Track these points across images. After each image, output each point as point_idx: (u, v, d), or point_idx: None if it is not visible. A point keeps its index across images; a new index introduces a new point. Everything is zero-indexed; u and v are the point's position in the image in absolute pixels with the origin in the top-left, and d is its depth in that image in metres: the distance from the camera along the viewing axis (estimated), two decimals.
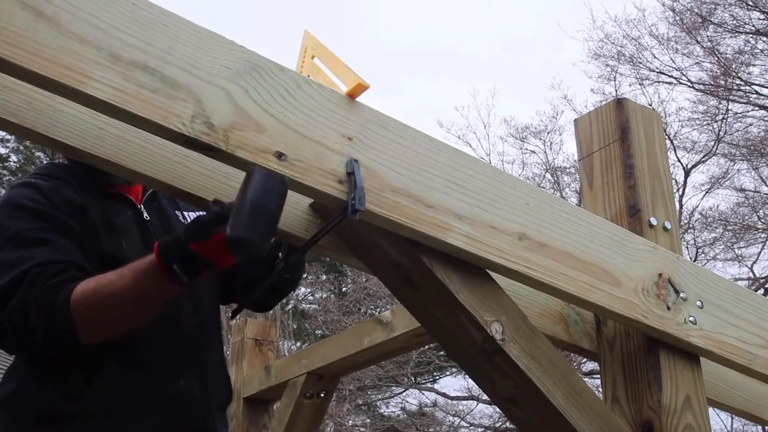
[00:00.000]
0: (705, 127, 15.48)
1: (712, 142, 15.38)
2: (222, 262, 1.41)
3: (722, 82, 14.88)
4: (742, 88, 14.85)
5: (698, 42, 14.70)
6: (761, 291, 13.85)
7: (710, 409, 1.76)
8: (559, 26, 33.93)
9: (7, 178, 18.16)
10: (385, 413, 17.62)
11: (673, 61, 15.18)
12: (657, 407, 1.55)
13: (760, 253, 15.52)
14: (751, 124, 15.25)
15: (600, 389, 1.71)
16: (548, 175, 16.65)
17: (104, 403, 1.70)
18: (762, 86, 14.63)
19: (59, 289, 1.59)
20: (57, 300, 1.58)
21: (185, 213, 1.96)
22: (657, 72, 15.44)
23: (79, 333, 1.58)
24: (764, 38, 14.37)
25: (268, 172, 1.22)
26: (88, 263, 1.70)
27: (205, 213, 1.41)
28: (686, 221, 15.19)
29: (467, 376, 5.70)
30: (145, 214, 1.87)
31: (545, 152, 17.06)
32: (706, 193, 15.84)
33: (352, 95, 1.33)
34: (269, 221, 1.23)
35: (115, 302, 1.56)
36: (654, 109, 3.85)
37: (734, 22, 14.40)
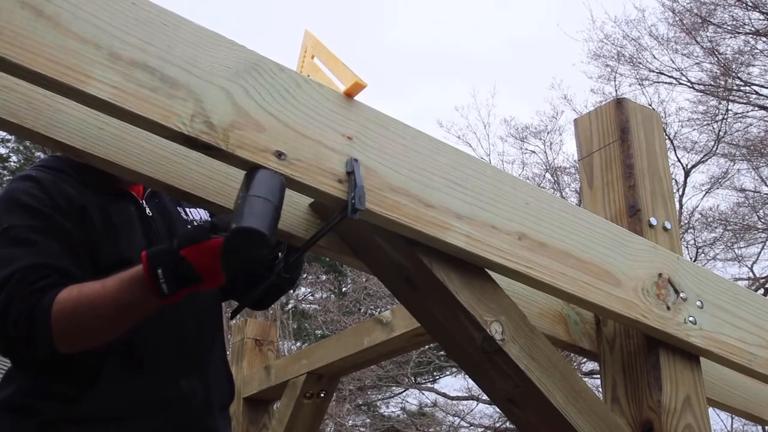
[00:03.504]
0: (705, 127, 15.49)
1: (712, 142, 15.38)
2: (209, 274, 1.43)
3: (722, 83, 14.88)
4: (742, 88, 14.85)
5: (698, 42, 14.71)
6: (761, 291, 13.84)
7: (710, 409, 1.76)
8: (558, 27, 33.95)
9: (7, 177, 18.15)
10: (385, 413, 17.62)
11: (673, 62, 15.19)
12: (657, 407, 1.55)
13: (760, 253, 15.53)
14: (751, 124, 15.26)
15: (600, 389, 1.71)
16: (548, 175, 16.67)
17: (105, 405, 1.69)
18: (762, 86, 14.64)
19: (41, 295, 1.59)
20: (37, 306, 1.57)
21: (187, 209, 1.96)
22: (657, 72, 15.45)
23: (56, 341, 1.57)
24: (764, 38, 14.37)
25: (269, 171, 1.22)
26: (83, 265, 1.69)
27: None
28: (686, 221, 15.19)
29: (467, 376, 5.70)
30: (148, 210, 1.86)
31: (545, 152, 17.07)
32: (706, 193, 15.85)
33: (349, 94, 1.33)
34: (274, 215, 1.21)
35: (96, 309, 1.55)
36: (654, 109, 3.84)
37: (734, 22, 14.40)
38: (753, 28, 14.32)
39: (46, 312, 1.57)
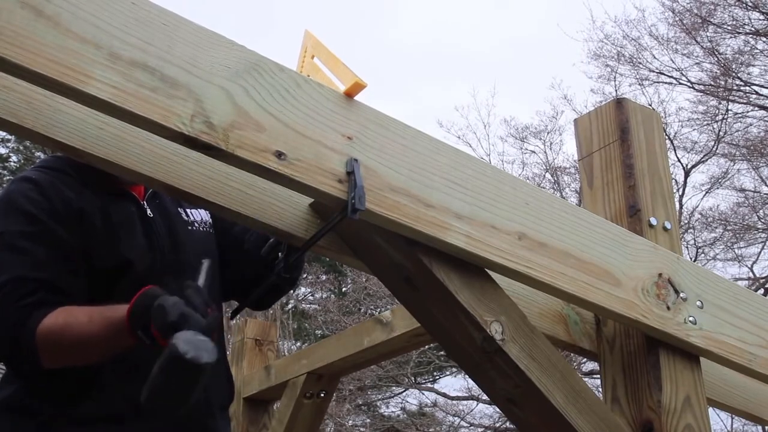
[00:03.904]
0: (705, 127, 15.48)
1: (712, 142, 15.38)
2: None
3: (722, 83, 14.88)
4: (742, 88, 14.85)
5: (698, 42, 14.70)
6: (761, 291, 13.84)
7: (710, 409, 1.76)
8: (558, 27, 33.93)
9: (7, 177, 18.14)
10: (385, 413, 17.61)
11: (673, 62, 15.18)
12: (657, 407, 1.55)
13: (760, 253, 15.52)
14: (751, 124, 15.25)
15: (600, 389, 1.71)
16: (548, 175, 16.66)
17: (104, 406, 1.70)
18: (762, 86, 14.63)
19: (27, 313, 1.62)
20: (24, 326, 1.60)
21: (187, 210, 1.96)
22: (657, 72, 15.44)
23: (41, 361, 1.62)
24: (764, 38, 14.36)
25: (178, 361, 1.36)
26: (76, 273, 1.70)
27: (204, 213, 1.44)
28: (686, 221, 15.18)
29: (467, 376, 5.70)
30: (149, 211, 1.86)
31: (545, 152, 17.06)
32: (706, 193, 15.84)
33: (349, 94, 1.33)
34: (175, 404, 1.40)
35: (81, 344, 1.60)
36: (654, 109, 3.84)
37: (734, 22, 14.39)
38: (753, 28, 14.31)
39: (31, 334, 1.60)
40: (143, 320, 1.50)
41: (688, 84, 15.16)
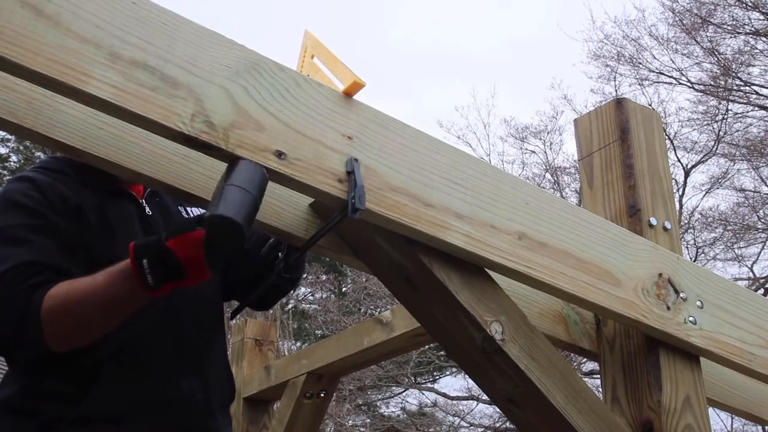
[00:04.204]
0: (705, 127, 15.50)
1: (712, 142, 15.39)
2: (193, 267, 1.41)
3: (722, 83, 14.88)
4: (742, 88, 14.86)
5: (698, 42, 14.71)
6: (761, 291, 13.84)
7: (710, 409, 1.76)
8: (558, 27, 33.94)
9: (7, 177, 18.15)
10: (385, 413, 17.62)
11: (673, 62, 15.20)
12: (657, 407, 1.55)
13: (760, 253, 15.54)
14: (751, 124, 15.27)
15: (600, 389, 1.71)
16: (548, 175, 16.67)
17: (104, 406, 1.69)
18: (762, 86, 14.64)
19: (32, 292, 1.59)
20: (29, 303, 1.58)
21: (187, 208, 1.96)
22: (657, 72, 15.45)
23: (46, 338, 1.57)
24: (764, 38, 14.37)
25: (250, 162, 1.20)
26: (78, 265, 1.69)
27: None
28: (686, 221, 15.19)
29: (467, 376, 5.70)
30: (147, 210, 1.86)
31: (545, 152, 17.08)
32: (706, 193, 15.85)
33: (348, 93, 1.33)
34: (250, 205, 1.19)
35: (85, 303, 1.56)
36: (654, 109, 3.84)
37: (734, 22, 14.40)
38: (753, 28, 14.32)
39: (36, 308, 1.57)
40: (148, 248, 1.44)
41: (688, 84, 15.18)
